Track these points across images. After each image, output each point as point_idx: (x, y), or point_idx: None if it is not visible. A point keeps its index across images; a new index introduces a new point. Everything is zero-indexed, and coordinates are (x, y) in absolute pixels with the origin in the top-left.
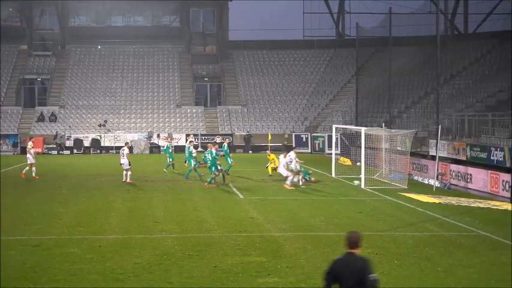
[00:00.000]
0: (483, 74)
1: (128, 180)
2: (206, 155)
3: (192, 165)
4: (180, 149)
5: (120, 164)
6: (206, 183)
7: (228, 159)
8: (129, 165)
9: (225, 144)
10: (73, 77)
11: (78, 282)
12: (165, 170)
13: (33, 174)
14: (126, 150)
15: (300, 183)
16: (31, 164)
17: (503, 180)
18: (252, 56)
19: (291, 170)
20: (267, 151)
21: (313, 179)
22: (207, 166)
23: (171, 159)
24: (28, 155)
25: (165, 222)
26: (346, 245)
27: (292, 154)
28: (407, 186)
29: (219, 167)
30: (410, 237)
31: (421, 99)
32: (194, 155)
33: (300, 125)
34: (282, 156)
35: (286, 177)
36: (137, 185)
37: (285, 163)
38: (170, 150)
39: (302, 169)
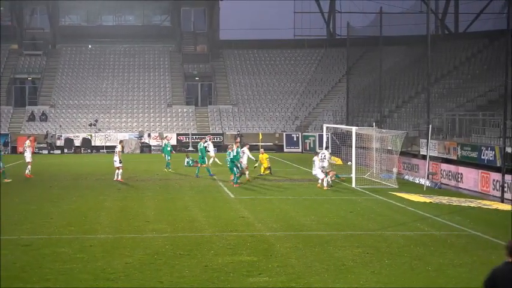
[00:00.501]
0: (474, 73)
1: (119, 179)
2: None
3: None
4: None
5: (114, 162)
6: (233, 183)
7: (167, 156)
8: (120, 163)
9: (201, 143)
10: (64, 76)
11: (69, 282)
12: (166, 169)
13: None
14: (118, 148)
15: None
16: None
17: (493, 180)
18: (243, 55)
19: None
20: (261, 149)
21: (342, 177)
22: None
23: (169, 158)
24: (26, 154)
25: (156, 221)
26: (507, 254)
27: (326, 153)
28: (398, 185)
29: (239, 166)
30: (401, 236)
31: (412, 99)
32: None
33: (290, 124)
34: (316, 158)
35: (322, 179)
36: (128, 184)
37: (320, 164)
38: (169, 149)
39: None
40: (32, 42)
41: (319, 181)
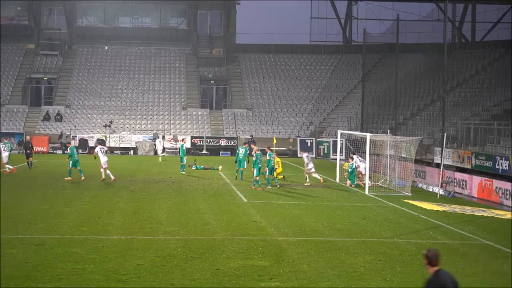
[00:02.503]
0: (489, 82)
1: (111, 178)
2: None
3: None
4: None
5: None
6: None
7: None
8: (106, 164)
9: (183, 144)
10: (79, 77)
11: (81, 282)
12: (183, 172)
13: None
14: (104, 148)
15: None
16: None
17: (506, 190)
18: (259, 59)
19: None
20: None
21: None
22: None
23: (186, 161)
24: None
25: (169, 224)
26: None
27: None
28: (411, 193)
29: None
30: (413, 244)
31: (427, 107)
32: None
33: (305, 129)
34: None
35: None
36: (141, 186)
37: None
38: (184, 149)
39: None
40: (49, 42)
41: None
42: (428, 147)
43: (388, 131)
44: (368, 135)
